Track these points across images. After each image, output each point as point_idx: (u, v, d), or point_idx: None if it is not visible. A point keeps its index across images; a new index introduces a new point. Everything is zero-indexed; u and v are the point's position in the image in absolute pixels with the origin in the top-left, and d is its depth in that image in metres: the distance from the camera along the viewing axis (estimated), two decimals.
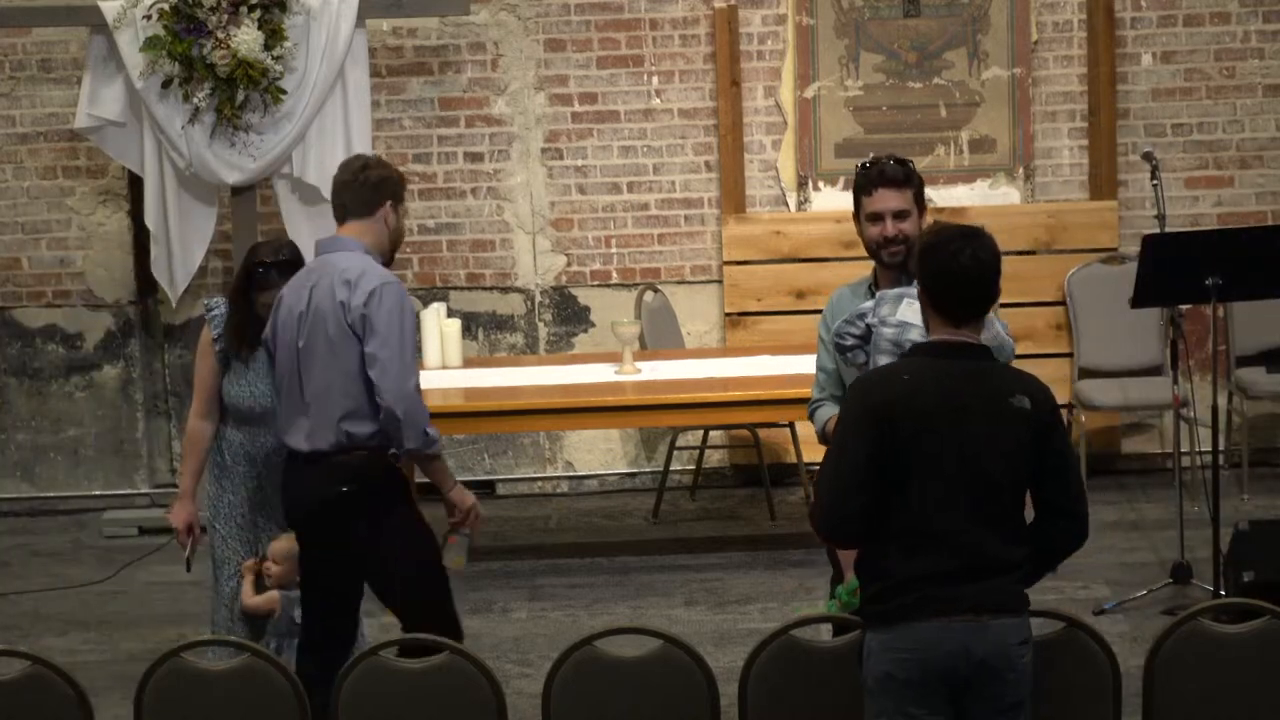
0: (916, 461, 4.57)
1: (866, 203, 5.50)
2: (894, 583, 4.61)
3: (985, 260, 4.66)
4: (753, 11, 9.48)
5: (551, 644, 7.13)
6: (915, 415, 4.57)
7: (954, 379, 4.63)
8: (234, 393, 6.27)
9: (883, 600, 4.64)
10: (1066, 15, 9.48)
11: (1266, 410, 9.42)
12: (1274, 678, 4.97)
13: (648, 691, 5.04)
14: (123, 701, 6.00)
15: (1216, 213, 9.52)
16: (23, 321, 9.69)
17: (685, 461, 9.56)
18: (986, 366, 4.71)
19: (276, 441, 6.07)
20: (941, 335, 4.70)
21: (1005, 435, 4.60)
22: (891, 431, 4.57)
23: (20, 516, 9.63)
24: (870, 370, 5.07)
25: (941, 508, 4.57)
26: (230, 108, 8.66)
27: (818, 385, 5.62)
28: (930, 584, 4.57)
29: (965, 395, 4.61)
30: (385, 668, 5.07)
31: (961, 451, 4.57)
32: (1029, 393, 4.66)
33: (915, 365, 4.70)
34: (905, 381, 4.64)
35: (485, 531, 9.14)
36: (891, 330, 5.25)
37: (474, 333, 9.60)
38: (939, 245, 4.69)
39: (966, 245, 4.65)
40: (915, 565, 4.58)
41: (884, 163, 5.53)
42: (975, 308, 4.69)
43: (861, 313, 5.34)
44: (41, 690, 5.08)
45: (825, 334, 5.59)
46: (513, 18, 9.52)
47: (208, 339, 6.32)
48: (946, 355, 4.67)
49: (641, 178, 9.60)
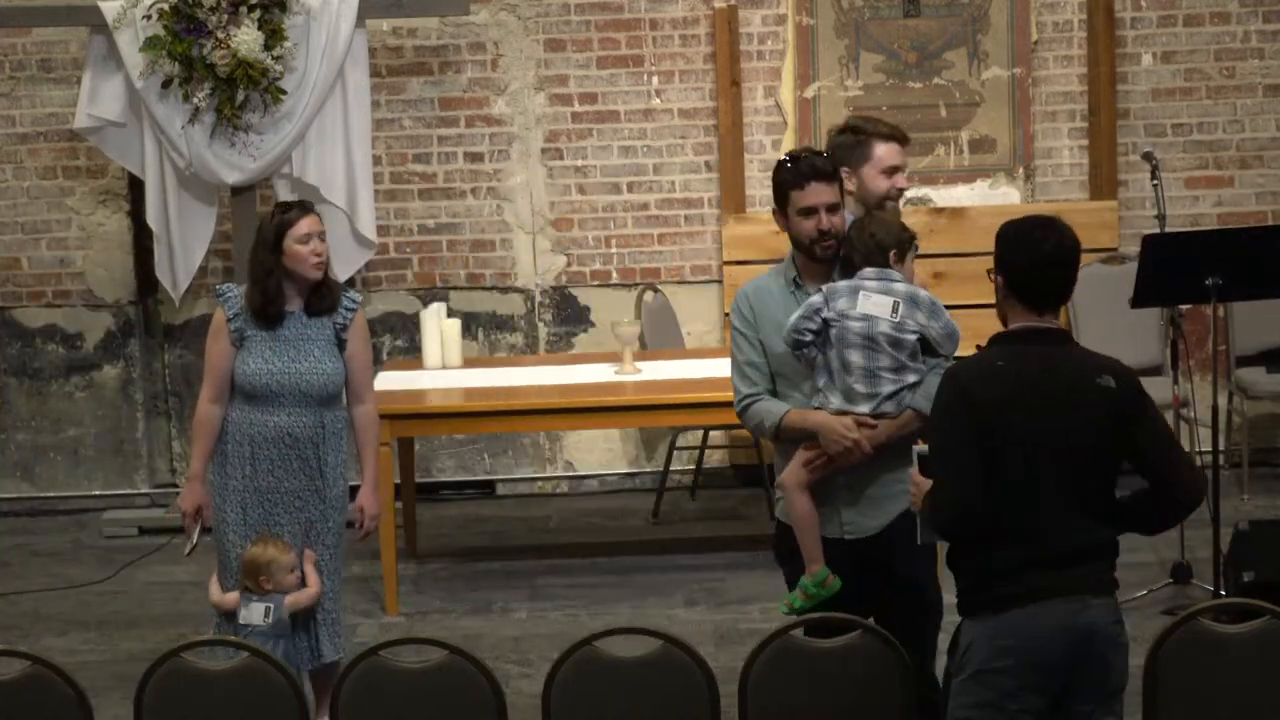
0: (1013, 450, 4.59)
1: (797, 197, 5.45)
2: (992, 572, 4.62)
3: (1069, 249, 4.69)
4: (753, 11, 9.48)
5: (551, 644, 7.12)
6: (1009, 403, 4.60)
7: (1043, 364, 4.65)
8: (249, 370, 6.24)
9: (982, 590, 4.65)
10: (1066, 15, 9.49)
11: (1266, 410, 9.42)
12: (1274, 678, 4.97)
13: (648, 691, 5.04)
14: (123, 701, 6.00)
15: (1216, 213, 9.52)
16: (23, 321, 9.69)
17: (685, 461, 9.56)
18: (1070, 350, 4.74)
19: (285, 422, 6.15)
20: (1027, 323, 4.71)
21: (1092, 417, 4.62)
22: (988, 420, 4.59)
23: (20, 516, 9.63)
24: (961, 360, 5.02)
25: (1034, 494, 4.59)
26: (230, 108, 8.66)
27: (746, 380, 5.46)
28: (1028, 570, 4.58)
29: (1053, 380, 4.64)
30: (385, 668, 5.07)
31: (1052, 437, 4.59)
32: (1113, 373, 4.69)
33: (1007, 353, 4.69)
34: (999, 368, 4.65)
35: (485, 531, 9.17)
36: (859, 324, 5.24)
37: (474, 333, 9.60)
38: (1023, 235, 4.70)
39: (1050, 234, 4.68)
40: (1012, 553, 4.59)
41: (811, 157, 5.51)
42: (1058, 295, 4.72)
43: (815, 307, 5.30)
44: (41, 690, 5.08)
45: (745, 328, 5.47)
46: (513, 18, 9.52)
47: (221, 320, 6.27)
48: (1035, 342, 4.69)
49: (641, 178, 9.60)
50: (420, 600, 8.06)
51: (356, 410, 6.39)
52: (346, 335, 6.29)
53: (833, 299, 5.31)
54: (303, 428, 6.22)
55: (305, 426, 6.22)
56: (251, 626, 6.08)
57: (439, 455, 9.68)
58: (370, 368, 6.48)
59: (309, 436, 6.23)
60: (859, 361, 5.28)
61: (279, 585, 6.08)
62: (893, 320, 5.26)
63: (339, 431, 6.32)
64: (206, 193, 8.97)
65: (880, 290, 5.29)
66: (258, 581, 6.08)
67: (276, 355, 6.21)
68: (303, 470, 6.23)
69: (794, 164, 5.48)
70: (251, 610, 6.10)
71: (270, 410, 6.21)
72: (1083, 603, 4.60)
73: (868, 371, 5.28)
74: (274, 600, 6.09)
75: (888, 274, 5.32)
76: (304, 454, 6.23)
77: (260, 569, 6.08)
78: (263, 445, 6.23)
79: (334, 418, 6.30)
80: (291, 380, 6.20)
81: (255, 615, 6.10)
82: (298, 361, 6.21)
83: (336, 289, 6.32)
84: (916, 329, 5.27)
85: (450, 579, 8.37)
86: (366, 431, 6.41)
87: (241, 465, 6.26)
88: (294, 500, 6.24)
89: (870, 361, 5.28)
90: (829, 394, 5.32)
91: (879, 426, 5.27)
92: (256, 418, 6.23)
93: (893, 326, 5.26)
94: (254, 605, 6.09)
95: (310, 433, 6.23)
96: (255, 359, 6.21)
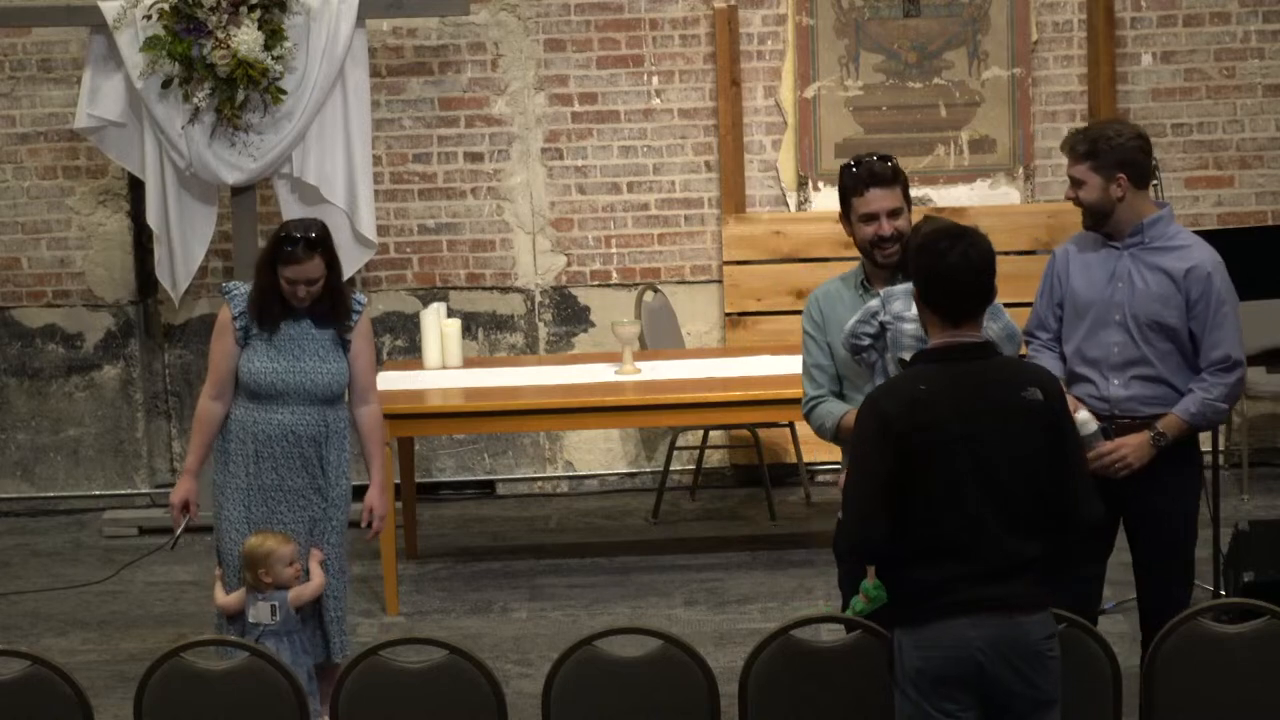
0: (937, 471, 4.56)
1: (858, 204, 5.48)
2: (921, 587, 4.61)
3: (975, 259, 4.62)
4: (753, 11, 9.48)
5: (551, 644, 7.13)
6: (934, 426, 4.55)
7: (966, 382, 4.61)
8: (254, 369, 6.24)
9: (912, 602, 4.65)
10: (1066, 15, 9.49)
11: (1266, 410, 9.42)
12: (1274, 678, 4.97)
13: (648, 691, 5.04)
14: (123, 701, 6.01)
15: (1216, 213, 9.52)
16: (23, 321, 9.68)
17: (685, 461, 9.56)
18: (994, 363, 4.69)
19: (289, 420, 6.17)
20: (944, 338, 4.67)
21: (1020, 431, 4.60)
22: (911, 446, 4.55)
23: (20, 516, 9.63)
24: (883, 384, 5.02)
25: (962, 513, 4.57)
26: (230, 108, 8.66)
27: (813, 382, 5.53)
28: (957, 585, 4.58)
29: (979, 398, 4.60)
30: (385, 668, 5.07)
31: (979, 454, 4.56)
32: (1039, 384, 4.66)
33: (928, 374, 4.64)
34: (921, 392, 4.59)
35: (485, 531, 9.17)
36: (913, 325, 5.22)
37: (474, 333, 9.60)
38: (927, 246, 4.67)
39: (955, 244, 4.62)
40: (941, 570, 4.59)
41: (872, 162, 5.51)
42: (969, 306, 4.65)
43: (874, 311, 5.32)
44: (41, 690, 5.08)
45: (814, 330, 5.52)
46: (513, 18, 9.52)
47: (227, 318, 6.29)
48: (953, 359, 4.64)
49: (641, 178, 9.60)
50: (420, 600, 8.06)
51: (361, 410, 6.39)
52: (350, 336, 6.29)
53: (889, 302, 5.30)
54: (306, 426, 6.24)
55: (309, 425, 6.24)
56: (262, 626, 6.11)
57: (439, 455, 9.68)
58: (374, 368, 6.49)
59: (312, 435, 6.25)
60: None
61: (278, 578, 6.09)
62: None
63: (342, 431, 6.33)
64: (206, 193, 8.96)
65: None
66: (257, 575, 6.09)
67: (281, 354, 6.23)
68: (305, 469, 6.25)
69: (855, 169, 5.49)
70: (259, 609, 6.13)
71: (274, 408, 6.23)
72: (1010, 619, 4.58)
73: None
74: (278, 598, 6.10)
75: None
76: (306, 453, 6.25)
77: (259, 561, 6.09)
78: (266, 443, 6.24)
79: (336, 417, 6.32)
80: (296, 379, 6.21)
81: (263, 614, 6.12)
82: (302, 360, 6.23)
83: (344, 301, 6.31)
84: None
85: (450, 579, 8.37)
86: (373, 432, 6.42)
87: (245, 463, 6.27)
88: (297, 499, 6.25)
89: None
90: None
91: None
92: (261, 416, 6.25)
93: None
94: (260, 605, 6.11)
95: (314, 431, 6.25)
96: (260, 357, 6.23)
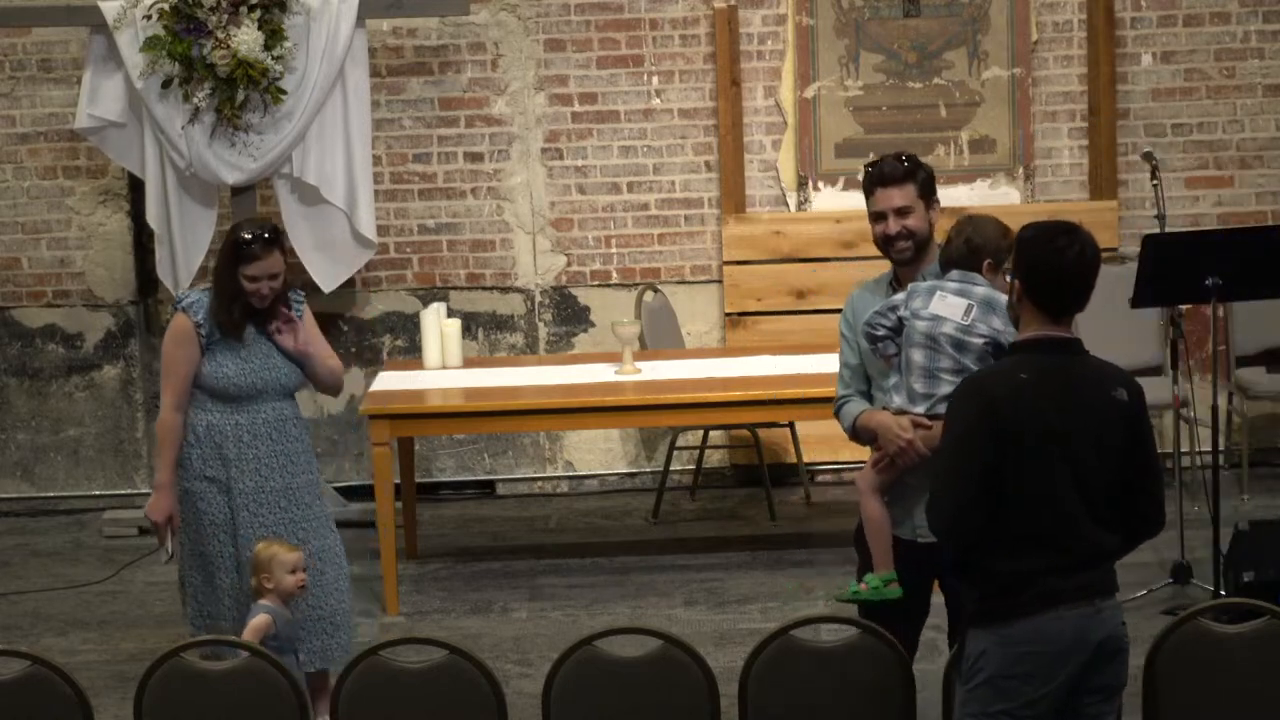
0: (1029, 462, 4.58)
1: (870, 203, 5.54)
2: (1006, 580, 4.61)
3: (1090, 258, 4.65)
4: (753, 11, 9.48)
5: (551, 644, 7.13)
6: (1035, 416, 4.58)
7: (1060, 377, 4.63)
8: (228, 372, 6.28)
9: (997, 598, 4.64)
10: (1066, 15, 9.48)
11: (1266, 410, 9.42)
12: (1274, 678, 4.97)
13: (648, 691, 5.04)
14: (123, 701, 6.01)
15: (1216, 213, 9.52)
16: (23, 321, 9.69)
17: (685, 461, 9.56)
18: (1088, 360, 4.72)
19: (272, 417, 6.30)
20: (1043, 331, 4.67)
21: (1109, 429, 4.63)
22: (1010, 432, 4.57)
23: (20, 516, 9.63)
24: (983, 368, 5.03)
25: (1050, 504, 4.59)
26: (230, 108, 8.66)
27: (841, 382, 5.58)
28: (1043, 577, 4.58)
29: (1072, 393, 4.62)
30: (385, 668, 5.07)
31: (1072, 448, 4.58)
32: (1125, 384, 4.70)
33: (1028, 364, 4.66)
34: (1023, 380, 4.62)
35: (485, 531, 9.17)
36: (925, 323, 5.25)
37: (474, 333, 9.60)
38: (1042, 240, 4.65)
39: (1072, 241, 4.63)
40: (1026, 562, 4.59)
41: (884, 161, 5.54)
42: (1074, 304, 4.69)
43: (894, 304, 5.36)
44: (41, 690, 5.08)
45: (847, 331, 5.57)
46: (513, 18, 9.52)
47: (187, 326, 6.30)
48: (1053, 351, 4.67)
49: (641, 178, 9.60)
50: (420, 600, 8.06)
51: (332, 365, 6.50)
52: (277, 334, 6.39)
53: (911, 297, 5.33)
54: (283, 421, 6.39)
55: (285, 420, 6.40)
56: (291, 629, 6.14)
57: (439, 455, 9.68)
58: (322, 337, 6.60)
59: (286, 430, 6.39)
60: (920, 361, 5.28)
61: (279, 584, 6.09)
62: (961, 323, 5.23)
63: (304, 420, 6.52)
64: (207, 193, 8.96)
65: (957, 292, 5.27)
66: (260, 581, 6.10)
67: (251, 354, 6.33)
68: (285, 468, 6.37)
69: (870, 170, 5.57)
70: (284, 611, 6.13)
71: (253, 409, 6.35)
72: (1094, 606, 4.61)
73: (927, 372, 5.27)
74: (274, 611, 6.08)
75: (972, 277, 5.29)
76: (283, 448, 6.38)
77: (262, 566, 6.09)
78: (250, 444, 6.31)
79: (297, 408, 6.50)
80: (272, 375, 6.35)
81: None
82: (270, 356, 6.36)
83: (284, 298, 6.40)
84: (988, 334, 5.22)
85: (450, 579, 8.37)
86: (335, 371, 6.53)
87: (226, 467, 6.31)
88: (279, 499, 6.32)
89: (931, 362, 5.27)
90: (894, 393, 5.35)
91: (933, 428, 5.20)
92: (242, 420, 6.34)
93: (959, 329, 5.23)
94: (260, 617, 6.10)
95: (289, 426, 6.41)
96: (231, 361, 6.29)
